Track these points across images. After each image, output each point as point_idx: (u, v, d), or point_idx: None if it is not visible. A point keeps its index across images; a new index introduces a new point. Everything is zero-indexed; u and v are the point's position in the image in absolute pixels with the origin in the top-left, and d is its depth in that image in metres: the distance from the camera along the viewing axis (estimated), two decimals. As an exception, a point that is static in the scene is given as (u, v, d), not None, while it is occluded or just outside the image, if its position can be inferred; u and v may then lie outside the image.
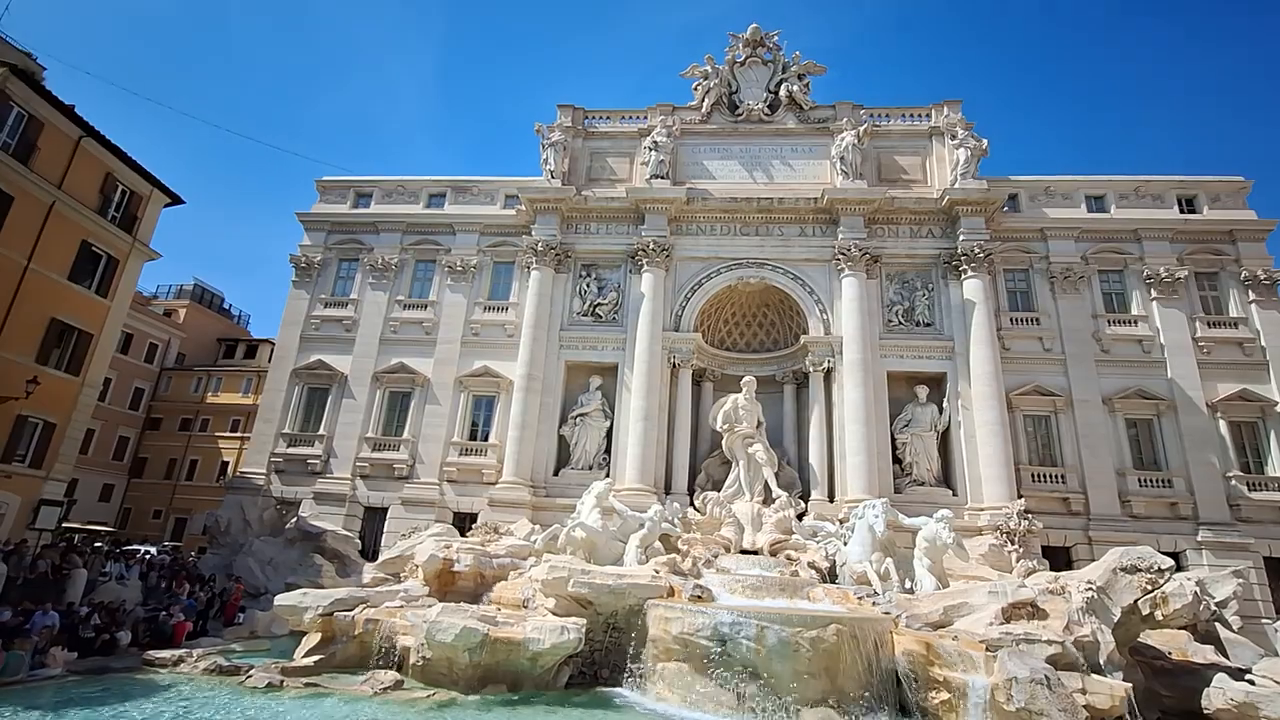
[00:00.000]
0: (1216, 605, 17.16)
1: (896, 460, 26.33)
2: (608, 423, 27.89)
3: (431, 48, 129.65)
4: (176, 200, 29.60)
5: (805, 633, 12.52)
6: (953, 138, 29.35)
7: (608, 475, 25.62)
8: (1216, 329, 27.53)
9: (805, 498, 25.56)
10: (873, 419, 25.86)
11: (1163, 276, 28.10)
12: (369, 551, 26.72)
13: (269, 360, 36.27)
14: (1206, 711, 13.15)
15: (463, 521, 26.93)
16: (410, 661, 14.11)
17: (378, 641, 14.85)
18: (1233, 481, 25.28)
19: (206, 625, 19.78)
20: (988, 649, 12.32)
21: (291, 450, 29.59)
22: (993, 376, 25.94)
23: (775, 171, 30.90)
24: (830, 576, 19.87)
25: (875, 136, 30.39)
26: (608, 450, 27.62)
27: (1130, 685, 12.02)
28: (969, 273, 27.38)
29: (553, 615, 14.87)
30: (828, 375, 27.17)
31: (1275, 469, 25.59)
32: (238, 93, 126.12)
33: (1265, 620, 22.60)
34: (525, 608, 16.11)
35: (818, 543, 21.44)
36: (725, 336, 30.60)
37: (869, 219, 28.65)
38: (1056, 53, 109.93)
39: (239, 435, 44.80)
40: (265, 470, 29.35)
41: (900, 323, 28.06)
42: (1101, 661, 12.84)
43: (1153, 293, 28.11)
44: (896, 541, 20.29)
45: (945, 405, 26.57)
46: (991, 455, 24.92)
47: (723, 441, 26.12)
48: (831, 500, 25.20)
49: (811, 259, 28.90)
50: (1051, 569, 20.47)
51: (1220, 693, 13.07)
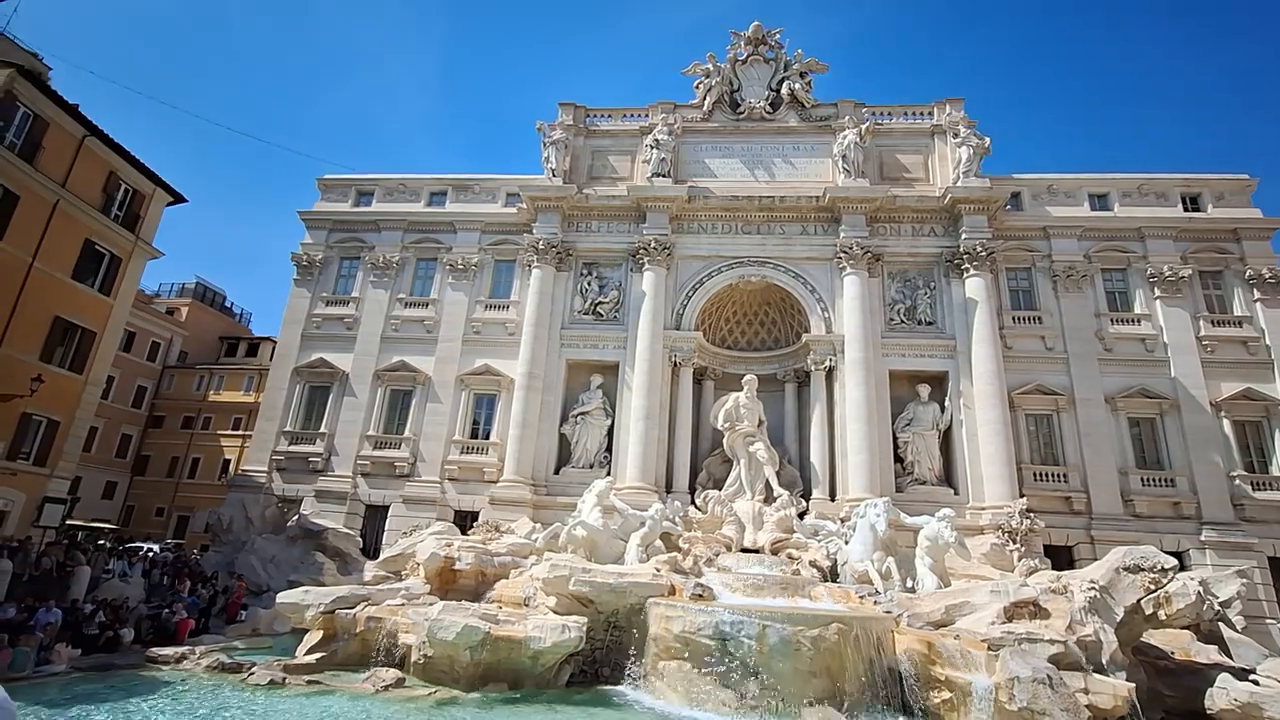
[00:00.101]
0: (1220, 605, 17.08)
1: (898, 459, 26.30)
2: (609, 421, 27.90)
3: (433, 46, 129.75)
4: (179, 199, 29.68)
5: (807, 631, 12.52)
6: (955, 136, 29.27)
7: (609, 474, 25.64)
8: (1220, 328, 27.42)
9: (806, 496, 25.54)
10: (874, 418, 25.83)
11: (1166, 275, 27.99)
12: (370, 549, 26.81)
13: (270, 358, 36.35)
14: (1210, 712, 13.12)
15: (464, 520, 26.97)
16: (412, 659, 14.15)
17: (379, 639, 14.89)
18: (1236, 481, 25.19)
19: (209, 623, 19.89)
20: (990, 648, 12.30)
21: (293, 448, 29.66)
22: (995, 375, 25.88)
23: (777, 170, 30.84)
24: (831, 575, 19.89)
25: (877, 135, 30.31)
26: (609, 449, 27.64)
27: (1133, 685, 11.99)
28: (971, 271, 27.31)
29: (554, 614, 14.89)
30: (829, 374, 27.13)
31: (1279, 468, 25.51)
32: (239, 92, 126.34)
33: (1269, 620, 22.60)
34: (526, 606, 16.15)
35: (819, 542, 21.45)
36: (726, 335, 30.57)
37: (871, 217, 28.59)
38: (1059, 51, 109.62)
39: (241, 433, 44.94)
40: (267, 468, 29.42)
41: (902, 321, 28.00)
42: (1104, 661, 12.81)
43: (1156, 291, 28.02)
44: (898, 540, 20.28)
45: (947, 404, 26.52)
46: (993, 454, 24.88)
47: (724, 440, 26.11)
48: (833, 499, 25.17)
49: (813, 257, 28.85)
50: (1053, 568, 20.44)
51: (1224, 693, 13.03)
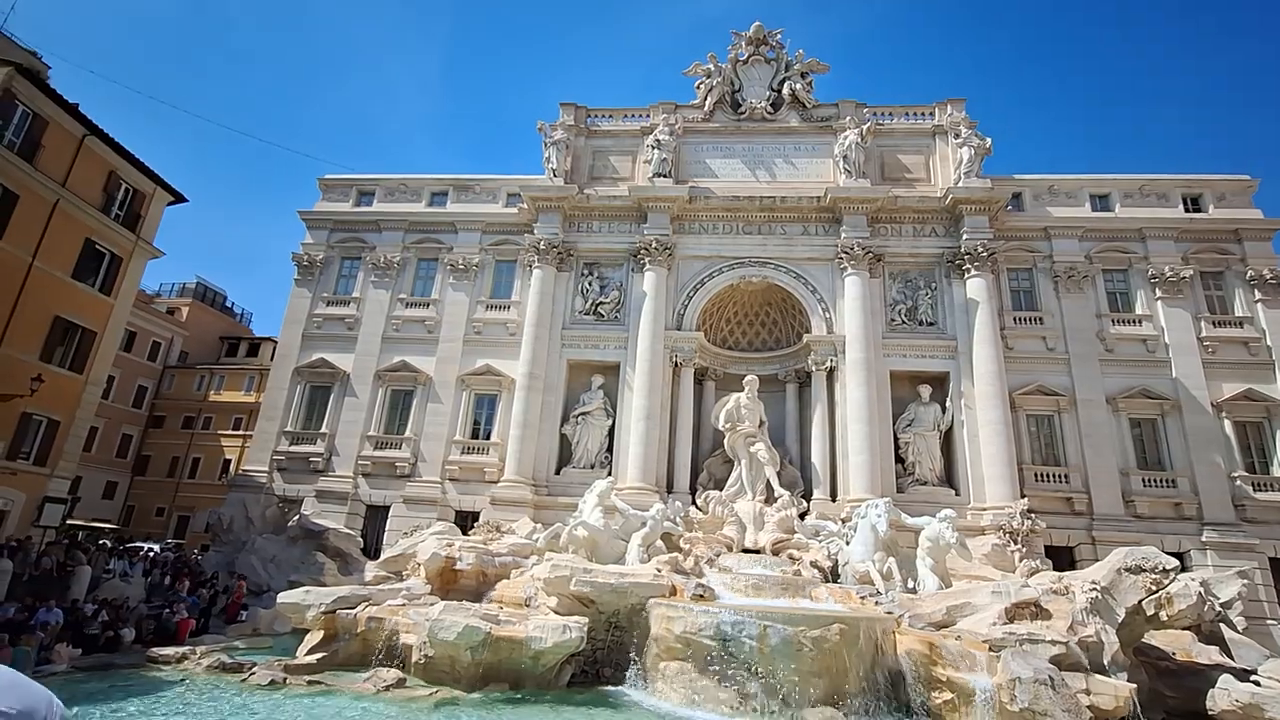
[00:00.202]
0: (1221, 606, 17.11)
1: (899, 460, 26.28)
2: (610, 421, 27.89)
3: (433, 46, 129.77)
4: (179, 198, 29.65)
5: (808, 632, 12.51)
6: (956, 136, 29.24)
7: (610, 474, 25.59)
8: (1222, 328, 27.41)
9: (807, 497, 25.51)
10: (875, 418, 25.82)
11: (1167, 276, 27.98)
12: (371, 550, 26.79)
13: (271, 358, 36.34)
14: (1211, 713, 13.10)
15: (464, 520, 26.96)
16: (413, 659, 14.14)
17: (380, 639, 14.87)
18: (1238, 482, 25.17)
19: (209, 623, 19.87)
20: (991, 649, 12.31)
21: (294, 448, 29.64)
22: (996, 376, 25.86)
23: (778, 170, 30.82)
24: (832, 576, 19.88)
25: (878, 135, 30.29)
26: (610, 449, 27.62)
27: (1135, 686, 11.99)
28: (972, 272, 27.29)
29: (555, 614, 14.87)
30: (830, 374, 27.11)
31: (1280, 469, 25.51)
32: (240, 91, 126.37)
33: (1270, 621, 22.59)
34: (527, 606, 16.14)
35: (820, 542, 21.43)
36: (728, 335, 30.55)
37: (872, 218, 28.57)
38: (1060, 51, 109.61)
39: (241, 433, 44.93)
40: (268, 468, 29.41)
41: (903, 322, 27.98)
42: (1106, 662, 12.81)
43: (1157, 292, 28.00)
44: (899, 541, 20.27)
45: (948, 404, 26.50)
46: (995, 455, 24.86)
47: (725, 440, 26.08)
48: (834, 499, 25.15)
49: (814, 258, 28.84)
50: (1054, 569, 20.42)
51: (1225, 694, 13.01)
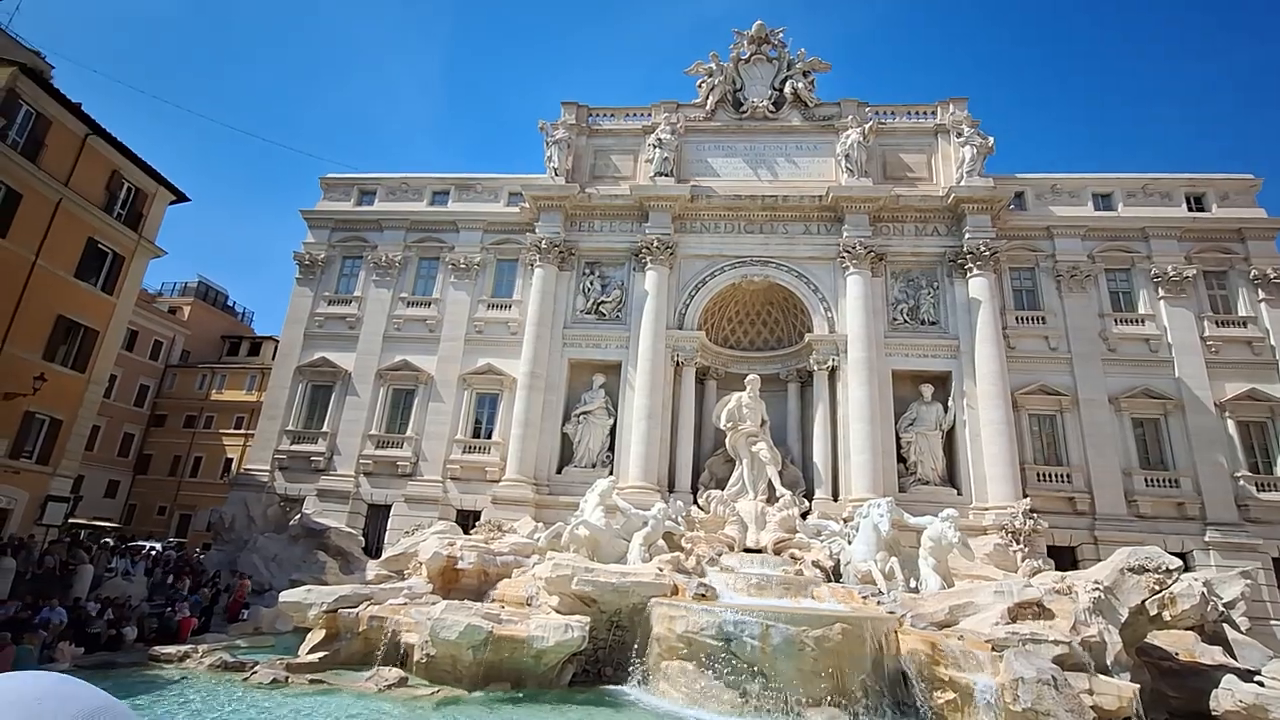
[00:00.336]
0: (1224, 606, 17.07)
1: (901, 459, 26.24)
2: (611, 421, 27.88)
3: (435, 45, 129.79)
4: (181, 198, 29.64)
5: (810, 631, 12.49)
6: (958, 135, 29.18)
7: (611, 473, 25.61)
8: (1225, 328, 27.33)
9: (809, 496, 25.48)
10: (877, 418, 25.78)
11: (1170, 275, 27.90)
12: (372, 549, 26.80)
13: (273, 357, 36.34)
14: (1215, 713, 13.06)
15: (466, 519, 26.98)
16: (414, 658, 14.14)
17: (382, 638, 14.87)
18: (1241, 482, 25.11)
19: (211, 621, 19.88)
20: (994, 649, 12.28)
21: (295, 447, 29.67)
22: (998, 375, 25.81)
23: (780, 169, 30.78)
24: (834, 576, 19.86)
25: (880, 134, 30.23)
26: (611, 448, 27.61)
27: (1138, 686, 11.95)
28: (974, 271, 27.23)
29: (556, 613, 14.88)
30: (832, 374, 27.07)
31: (1284, 469, 25.44)
32: (241, 91, 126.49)
33: (1274, 621, 22.54)
34: (529, 605, 16.14)
35: (822, 542, 21.40)
36: (729, 335, 30.53)
37: (874, 217, 28.52)
38: (1063, 50, 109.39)
39: (243, 432, 44.97)
40: (269, 467, 29.43)
41: (905, 321, 27.93)
42: (1109, 662, 12.78)
43: (1160, 291, 27.92)
44: (901, 541, 20.25)
45: (950, 404, 26.46)
46: (997, 454, 24.81)
47: (726, 440, 26.05)
48: (836, 499, 25.13)
49: (816, 257, 28.80)
50: (1056, 569, 20.38)
51: (1229, 694, 12.98)
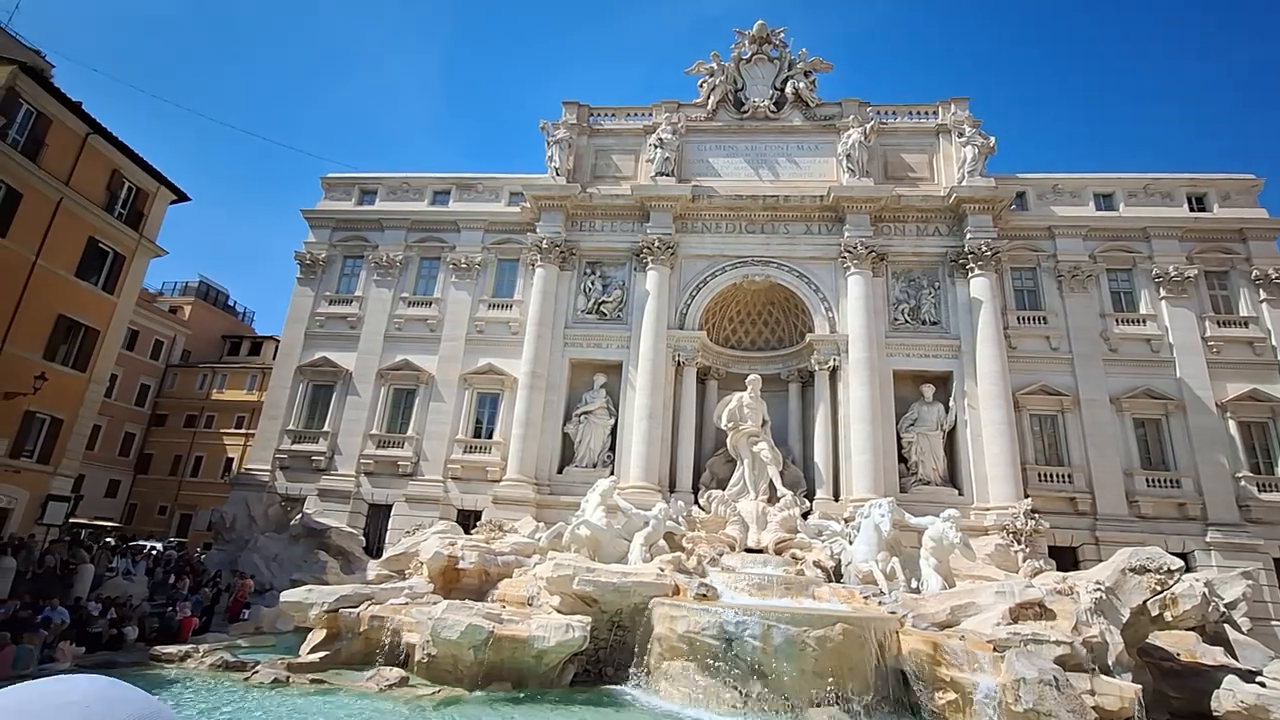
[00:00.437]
0: (1225, 606, 17.05)
1: (902, 459, 26.22)
2: (612, 420, 27.87)
3: (435, 44, 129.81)
4: (182, 197, 29.64)
5: (811, 632, 12.47)
6: (960, 135, 29.15)
7: (612, 473, 25.60)
8: (1226, 328, 27.30)
9: (810, 497, 25.47)
10: (878, 418, 25.76)
11: (1172, 275, 27.87)
12: (373, 548, 26.78)
13: (274, 357, 36.34)
14: (1216, 714, 13.04)
15: (467, 519, 26.98)
16: (415, 658, 14.13)
17: (383, 638, 14.86)
18: (1242, 482, 25.09)
19: (212, 621, 19.88)
20: (995, 649, 12.26)
21: (296, 447, 29.66)
22: (999, 375, 25.79)
23: (781, 169, 30.76)
24: (836, 576, 19.83)
25: (882, 134, 30.19)
26: (612, 448, 27.60)
27: (1140, 687, 11.93)
28: (976, 271, 27.21)
29: (558, 613, 14.87)
30: (833, 374, 27.05)
31: (1285, 470, 25.41)
32: (242, 90, 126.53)
33: (1275, 622, 22.52)
34: (530, 605, 16.14)
35: (823, 542, 21.38)
36: (730, 335, 30.51)
37: (875, 217, 28.49)
38: (1063, 50, 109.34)
39: (244, 432, 44.99)
40: (270, 467, 29.43)
41: (906, 321, 27.90)
42: (1110, 662, 12.75)
43: (1162, 292, 27.89)
44: (902, 541, 20.23)
45: (951, 404, 26.44)
46: (998, 455, 24.78)
47: (727, 440, 26.03)
48: (837, 499, 25.12)
49: (817, 257, 28.77)
50: (1058, 569, 20.36)
51: (1230, 695, 12.96)
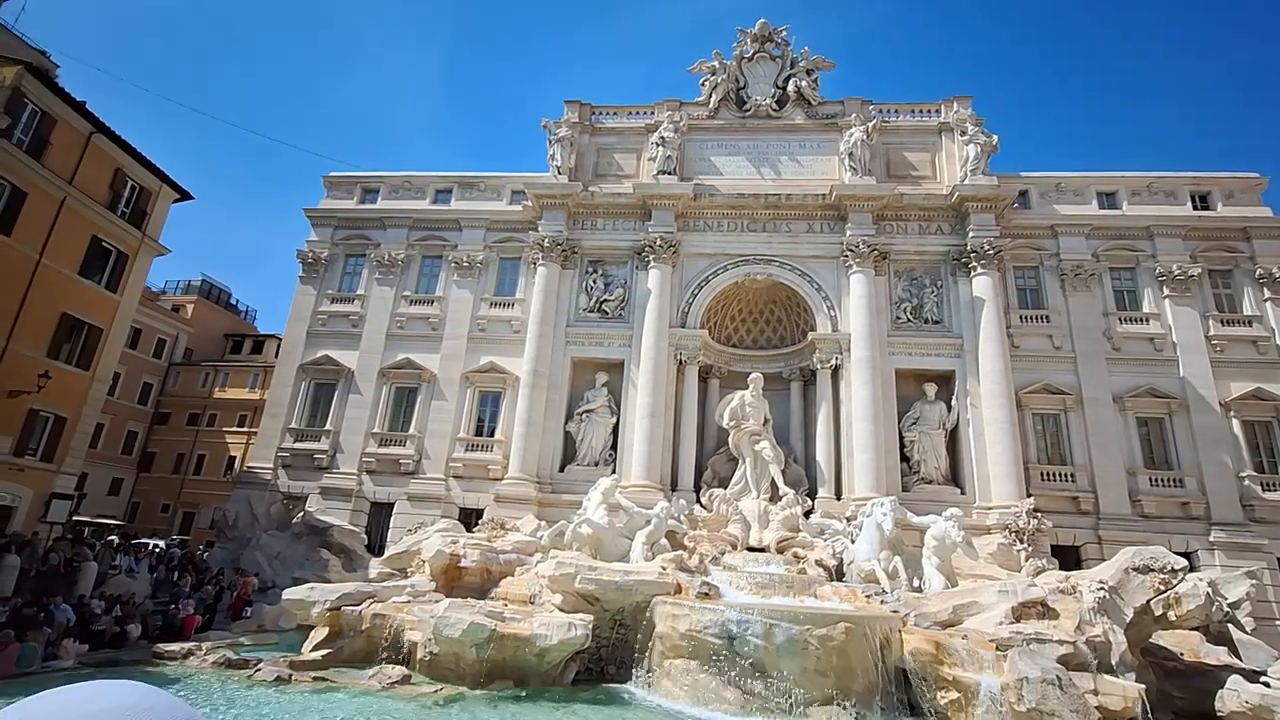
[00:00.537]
0: (1229, 606, 16.97)
1: (904, 458, 26.17)
2: (614, 419, 27.87)
3: (435, 44, 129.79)
4: (185, 196, 29.67)
5: (814, 630, 12.45)
6: (962, 134, 29.07)
7: (614, 472, 25.60)
8: (1230, 327, 27.21)
9: (812, 495, 25.44)
10: (880, 416, 25.73)
11: (1175, 274, 27.78)
12: (375, 546, 26.80)
13: (276, 356, 36.39)
14: (1220, 714, 13.00)
15: (469, 517, 27.00)
16: (418, 656, 14.15)
17: (385, 636, 14.89)
18: (1246, 481, 25.01)
19: (214, 619, 19.92)
20: (998, 648, 12.25)
21: (298, 445, 29.70)
22: (1002, 374, 25.73)
23: (783, 168, 30.71)
24: (837, 575, 19.80)
25: (884, 132, 30.13)
26: (614, 447, 27.59)
27: (1143, 686, 11.91)
28: (978, 270, 27.15)
29: (559, 611, 14.87)
30: (835, 372, 27.02)
31: (1289, 469, 25.33)
32: (244, 89, 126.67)
33: (1279, 621, 22.42)
34: (532, 604, 16.15)
35: (825, 541, 21.36)
36: (732, 333, 30.48)
37: (877, 215, 28.43)
38: (1063, 50, 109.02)
39: (246, 430, 45.06)
40: (272, 465, 29.47)
41: (909, 320, 27.85)
42: (1114, 662, 12.73)
43: (1165, 290, 27.81)
44: (904, 540, 20.18)
45: (954, 403, 26.40)
46: (1000, 454, 24.73)
47: (729, 439, 26.03)
48: (839, 498, 25.09)
49: (819, 255, 28.73)
50: (1061, 568, 20.33)
51: (1235, 695, 12.91)
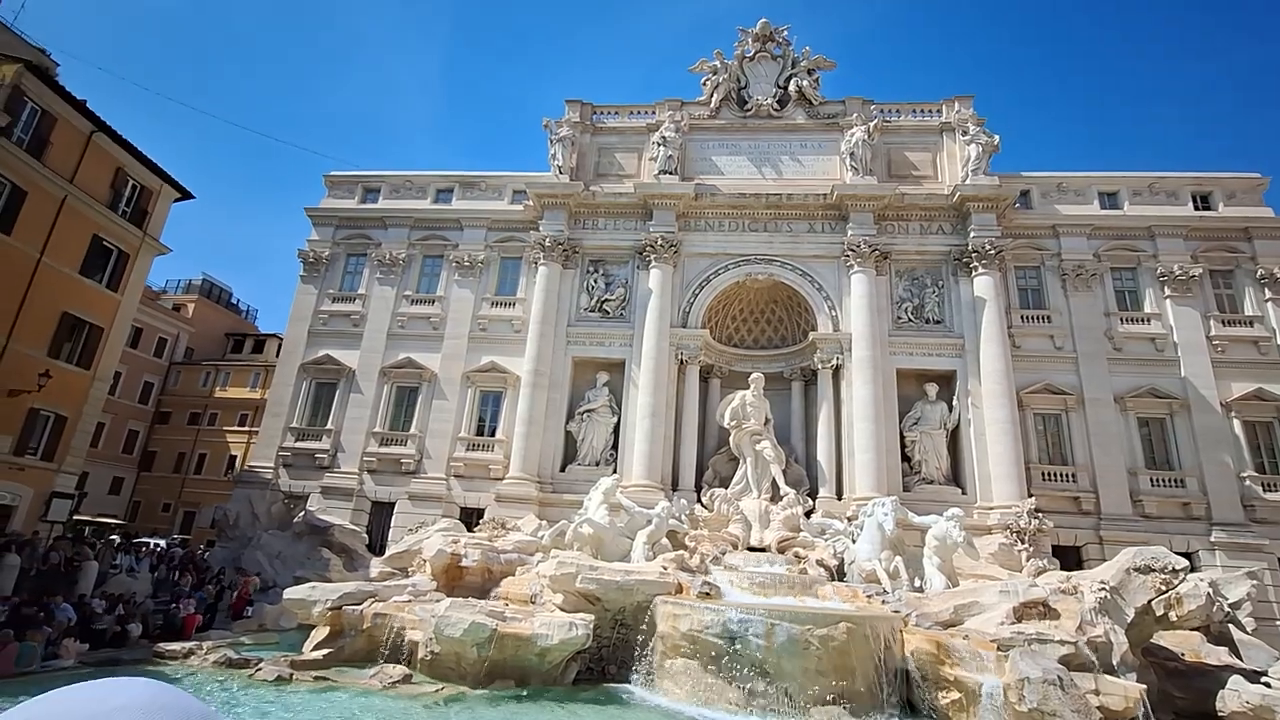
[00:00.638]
0: (1230, 606, 16.96)
1: (905, 458, 26.16)
2: (615, 419, 27.86)
3: (435, 44, 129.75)
4: (186, 195, 29.65)
5: (815, 630, 12.45)
6: (964, 133, 29.05)
7: (615, 471, 25.61)
8: (1231, 327, 27.19)
9: (813, 495, 25.43)
10: (881, 416, 25.71)
11: (1177, 274, 27.76)
12: (376, 546, 26.81)
13: (277, 355, 36.41)
14: (1221, 714, 13.00)
15: (469, 517, 27.00)
16: (419, 656, 14.15)
17: (386, 636, 14.90)
18: (1247, 482, 25.00)
19: (215, 618, 19.93)
20: (999, 648, 12.24)
21: (299, 444, 29.71)
22: (1003, 374, 25.72)
23: (784, 167, 30.69)
24: (838, 575, 19.79)
25: (885, 132, 30.10)
26: (615, 446, 27.59)
27: (1144, 686, 11.90)
28: (980, 270, 27.13)
29: (560, 611, 14.87)
30: (836, 372, 27.01)
31: (1290, 469, 25.31)
32: (245, 88, 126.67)
33: (1279, 622, 22.40)
34: (533, 603, 16.14)
35: (826, 540, 21.35)
36: (733, 333, 30.47)
37: (879, 215, 28.41)
38: (1063, 50, 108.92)
39: (247, 429, 45.06)
40: (273, 464, 29.47)
41: (910, 320, 27.84)
42: (1115, 662, 12.71)
43: (1166, 290, 27.79)
44: (905, 540, 20.17)
45: (955, 403, 26.38)
46: (1001, 454, 24.72)
47: (730, 438, 26.02)
48: (840, 498, 25.09)
49: (820, 255, 28.72)
50: (1062, 569, 20.33)
51: (1236, 695, 12.91)
